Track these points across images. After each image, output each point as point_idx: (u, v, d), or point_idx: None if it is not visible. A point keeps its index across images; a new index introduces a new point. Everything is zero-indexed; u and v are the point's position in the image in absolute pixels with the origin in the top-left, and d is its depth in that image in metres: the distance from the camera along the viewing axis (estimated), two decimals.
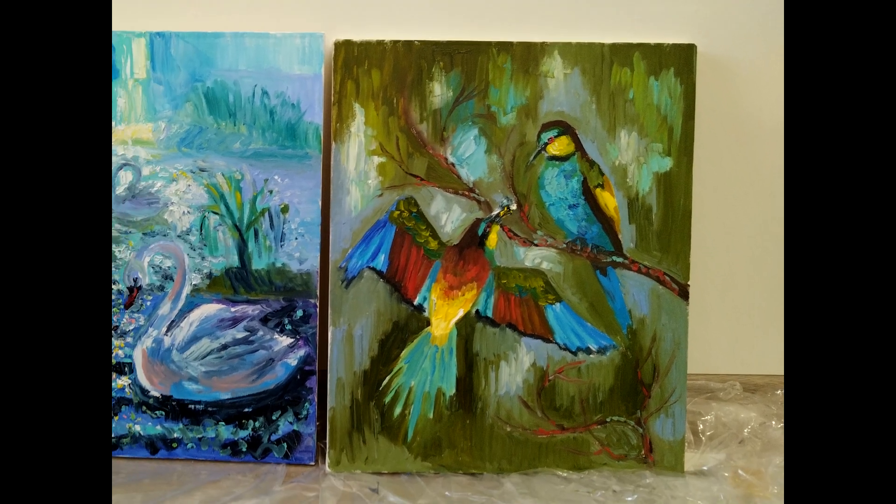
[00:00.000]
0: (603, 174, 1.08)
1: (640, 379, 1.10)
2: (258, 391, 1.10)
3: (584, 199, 1.09)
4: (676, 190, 1.08)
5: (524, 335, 1.09)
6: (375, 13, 1.12)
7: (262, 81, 1.07)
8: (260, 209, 1.08)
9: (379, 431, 1.09)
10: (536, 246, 1.09)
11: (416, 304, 1.09)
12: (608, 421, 1.10)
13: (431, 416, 1.09)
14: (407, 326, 1.09)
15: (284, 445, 1.10)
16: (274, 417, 1.10)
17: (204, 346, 1.09)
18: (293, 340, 1.09)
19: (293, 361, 1.09)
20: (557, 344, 1.09)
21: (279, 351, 1.09)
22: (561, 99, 1.08)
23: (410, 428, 1.09)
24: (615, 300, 1.09)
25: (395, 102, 1.07)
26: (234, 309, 1.09)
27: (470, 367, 1.09)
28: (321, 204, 1.08)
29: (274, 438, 1.10)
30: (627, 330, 1.10)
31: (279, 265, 1.09)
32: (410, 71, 1.07)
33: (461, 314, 1.09)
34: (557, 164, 1.08)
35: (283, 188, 1.08)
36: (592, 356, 1.10)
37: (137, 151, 1.08)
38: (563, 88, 1.08)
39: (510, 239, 1.09)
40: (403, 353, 1.09)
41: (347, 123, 1.07)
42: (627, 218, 1.09)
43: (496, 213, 1.08)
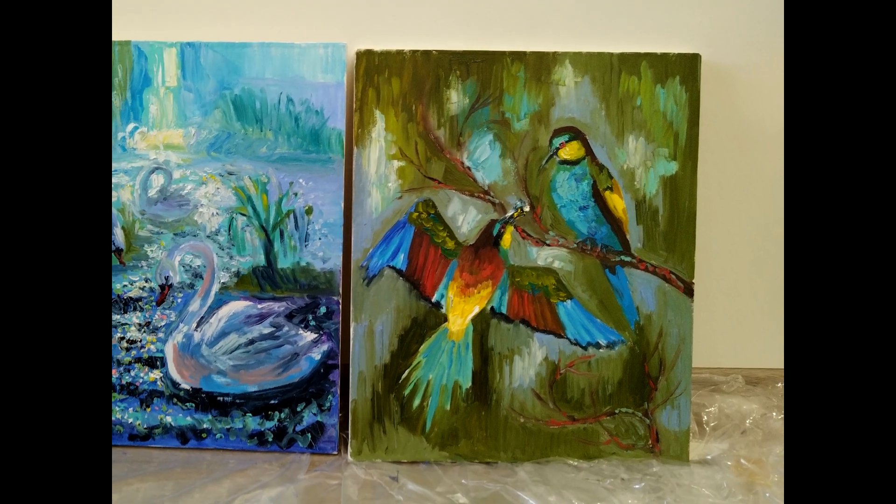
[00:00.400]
0: (612, 177, 1.10)
1: (647, 372, 1.12)
2: (284, 384, 1.12)
3: (593, 201, 1.10)
4: (682, 192, 1.10)
5: (537, 331, 1.11)
6: (395, 24, 1.14)
7: (287, 89, 1.09)
8: (285, 211, 1.10)
9: (398, 422, 1.11)
10: (548, 246, 1.11)
11: (433, 301, 1.10)
12: (617, 412, 1.12)
13: (448, 407, 1.11)
14: (425, 322, 1.10)
15: (308, 436, 1.12)
16: (299, 409, 1.12)
17: (232, 341, 1.11)
18: (317, 336, 1.11)
19: (317, 356, 1.11)
20: (568, 339, 1.11)
21: (303, 346, 1.11)
22: (572, 106, 1.09)
23: (428, 419, 1.11)
24: (623, 297, 1.11)
25: (413, 109, 1.09)
26: (260, 306, 1.11)
27: (485, 360, 1.11)
28: (343, 206, 1.10)
29: (299, 429, 1.12)
30: (635, 326, 1.11)
31: (303, 264, 1.11)
32: (429, 79, 1.09)
33: (477, 311, 1.11)
34: (568, 167, 1.10)
35: (307, 191, 1.10)
36: (602, 351, 1.11)
37: (169, 156, 1.10)
38: (573, 96, 1.09)
39: (523, 239, 1.11)
40: (422, 347, 1.11)
41: (369, 129, 1.09)
42: (635, 219, 1.10)
43: (510, 214, 1.10)
